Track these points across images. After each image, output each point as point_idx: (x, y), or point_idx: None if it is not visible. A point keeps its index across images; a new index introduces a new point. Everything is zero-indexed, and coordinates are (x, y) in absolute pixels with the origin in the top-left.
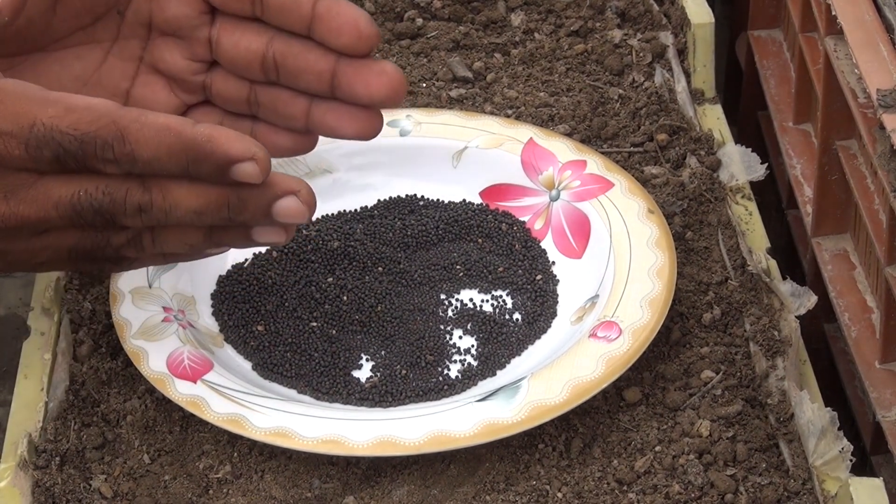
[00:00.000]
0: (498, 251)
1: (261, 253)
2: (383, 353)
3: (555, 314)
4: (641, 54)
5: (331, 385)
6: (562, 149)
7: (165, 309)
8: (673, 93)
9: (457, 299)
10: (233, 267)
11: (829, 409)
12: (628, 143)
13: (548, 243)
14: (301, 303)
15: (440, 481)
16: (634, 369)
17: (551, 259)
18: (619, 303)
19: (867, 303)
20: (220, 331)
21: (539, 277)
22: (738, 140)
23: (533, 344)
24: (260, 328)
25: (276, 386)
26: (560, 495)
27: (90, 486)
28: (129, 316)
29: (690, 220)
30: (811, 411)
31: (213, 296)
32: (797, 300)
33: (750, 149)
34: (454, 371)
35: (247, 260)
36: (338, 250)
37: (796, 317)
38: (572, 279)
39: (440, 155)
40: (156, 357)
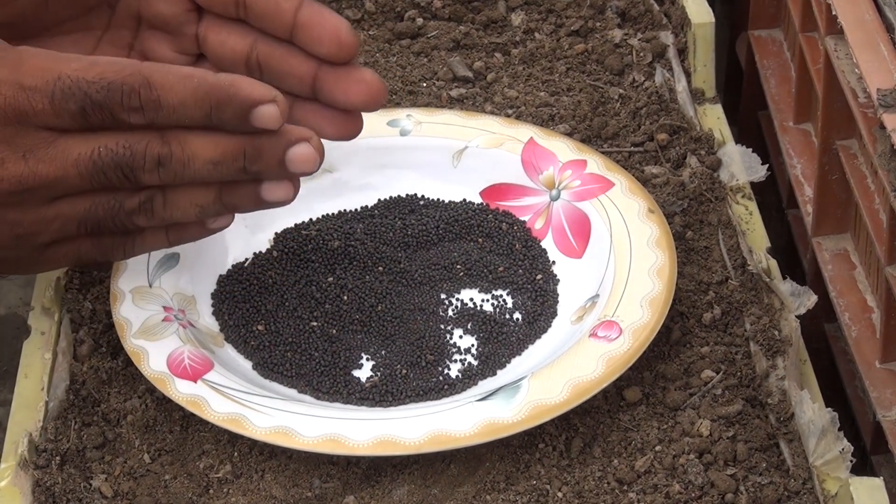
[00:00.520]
0: (498, 251)
1: (261, 252)
2: (383, 352)
3: (555, 314)
4: (642, 54)
5: (331, 384)
6: (562, 148)
7: (166, 308)
8: (673, 92)
9: (457, 299)
10: (233, 266)
11: (829, 408)
12: (628, 143)
13: (548, 243)
14: (301, 302)
15: (440, 481)
16: (635, 369)
17: (551, 259)
18: (620, 302)
19: (867, 302)
20: (221, 330)
21: (539, 277)
22: (739, 140)
23: (533, 343)
24: (260, 328)
25: (276, 385)
26: (560, 495)
27: (90, 485)
28: (130, 315)
29: (691, 220)
30: (811, 411)
31: (214, 295)
32: (797, 300)
33: (750, 149)
34: (454, 371)
35: (247, 259)
36: (338, 250)
37: (796, 316)
38: (572, 279)
39: (440, 154)
40: (156, 356)
